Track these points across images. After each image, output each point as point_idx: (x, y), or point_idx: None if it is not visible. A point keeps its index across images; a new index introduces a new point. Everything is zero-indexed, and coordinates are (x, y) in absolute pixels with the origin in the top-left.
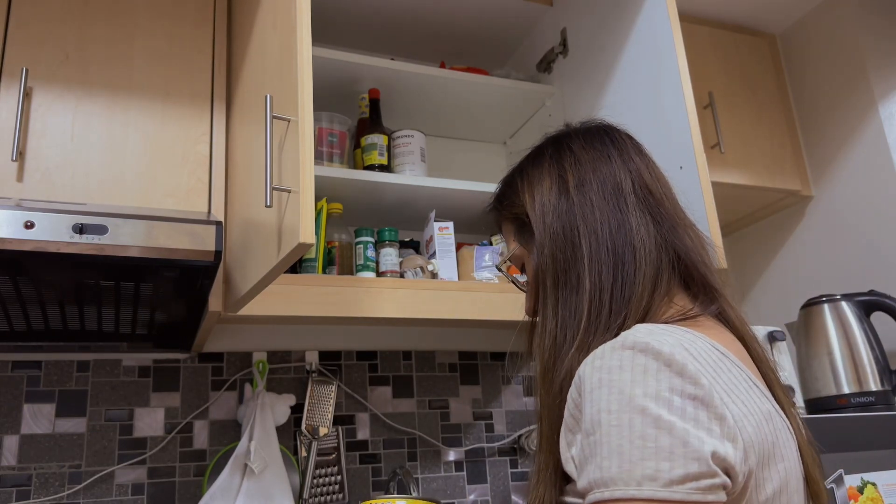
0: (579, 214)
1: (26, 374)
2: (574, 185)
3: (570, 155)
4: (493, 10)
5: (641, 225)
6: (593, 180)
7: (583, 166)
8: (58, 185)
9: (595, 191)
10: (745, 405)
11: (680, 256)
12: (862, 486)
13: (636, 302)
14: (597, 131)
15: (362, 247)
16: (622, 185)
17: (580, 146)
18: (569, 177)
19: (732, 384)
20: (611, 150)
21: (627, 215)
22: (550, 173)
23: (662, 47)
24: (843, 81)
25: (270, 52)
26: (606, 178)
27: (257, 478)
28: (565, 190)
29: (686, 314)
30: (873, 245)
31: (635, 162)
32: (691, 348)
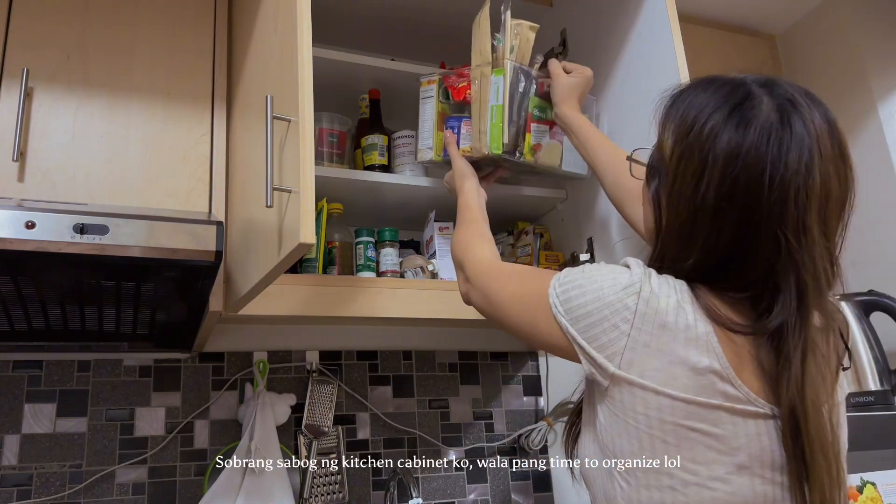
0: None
1: (27, 373)
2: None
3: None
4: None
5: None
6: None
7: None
8: (59, 185)
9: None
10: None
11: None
12: (861, 486)
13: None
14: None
15: (362, 247)
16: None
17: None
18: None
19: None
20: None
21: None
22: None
23: (662, 48)
24: (842, 82)
25: (271, 53)
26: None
27: (258, 477)
28: None
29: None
30: (873, 245)
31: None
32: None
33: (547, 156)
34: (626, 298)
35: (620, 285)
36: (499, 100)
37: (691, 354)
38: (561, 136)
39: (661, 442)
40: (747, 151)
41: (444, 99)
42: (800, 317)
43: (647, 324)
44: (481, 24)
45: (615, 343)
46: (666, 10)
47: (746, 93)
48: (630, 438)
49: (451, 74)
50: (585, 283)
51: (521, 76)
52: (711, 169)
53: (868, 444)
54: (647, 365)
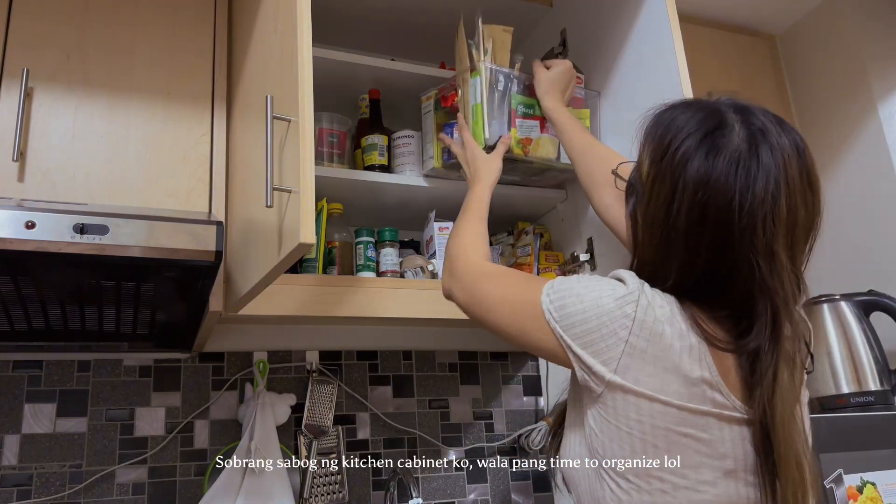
0: None
1: (27, 373)
2: None
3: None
4: (494, 10)
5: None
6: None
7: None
8: (59, 185)
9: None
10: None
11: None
12: (861, 486)
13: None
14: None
15: (362, 247)
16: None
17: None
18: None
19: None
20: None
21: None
22: None
23: (662, 48)
24: (842, 82)
25: (271, 53)
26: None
27: (258, 477)
28: None
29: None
30: (873, 245)
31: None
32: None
33: (540, 149)
34: (625, 306)
35: (619, 294)
36: (476, 99)
37: (684, 363)
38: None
39: (653, 447)
40: (716, 179)
41: (439, 109)
42: (773, 338)
43: (644, 331)
44: (459, 35)
45: (612, 349)
46: (666, 10)
47: (720, 120)
48: (622, 443)
49: (445, 85)
50: (583, 291)
51: (500, 76)
52: (682, 193)
53: (868, 444)
54: (643, 371)
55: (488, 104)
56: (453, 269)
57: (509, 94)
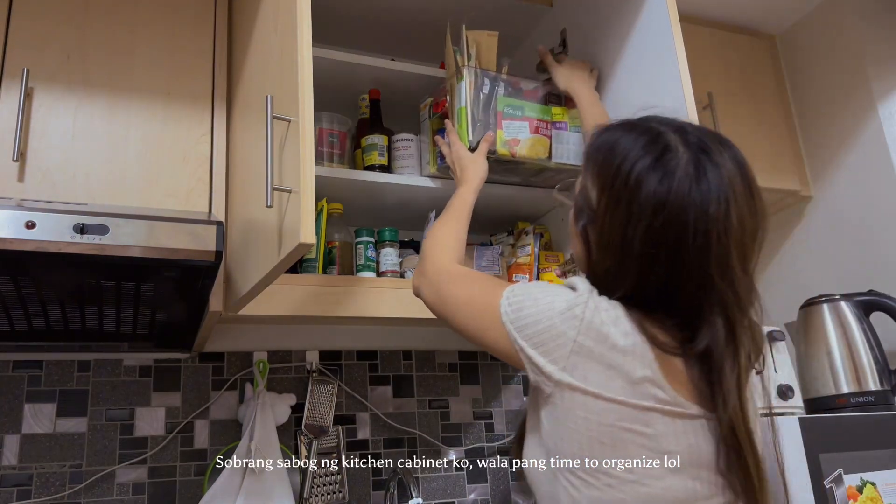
0: None
1: (27, 373)
2: None
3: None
4: (493, 10)
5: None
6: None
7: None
8: (59, 185)
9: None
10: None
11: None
12: (861, 486)
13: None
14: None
15: (362, 247)
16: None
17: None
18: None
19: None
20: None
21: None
22: None
23: (662, 48)
24: (842, 82)
25: (271, 53)
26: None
27: (258, 477)
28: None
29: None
30: (873, 245)
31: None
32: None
33: (529, 150)
34: (574, 308)
35: (570, 298)
36: (461, 103)
37: (627, 363)
38: (548, 132)
39: (599, 443)
40: (672, 202)
41: (433, 116)
42: (732, 342)
43: (591, 332)
44: (447, 45)
45: (561, 349)
46: (666, 10)
47: (664, 143)
48: (571, 441)
49: (438, 91)
50: (539, 296)
51: (485, 80)
52: (638, 218)
53: (868, 444)
54: (589, 370)
55: (473, 107)
56: (424, 268)
57: (495, 97)
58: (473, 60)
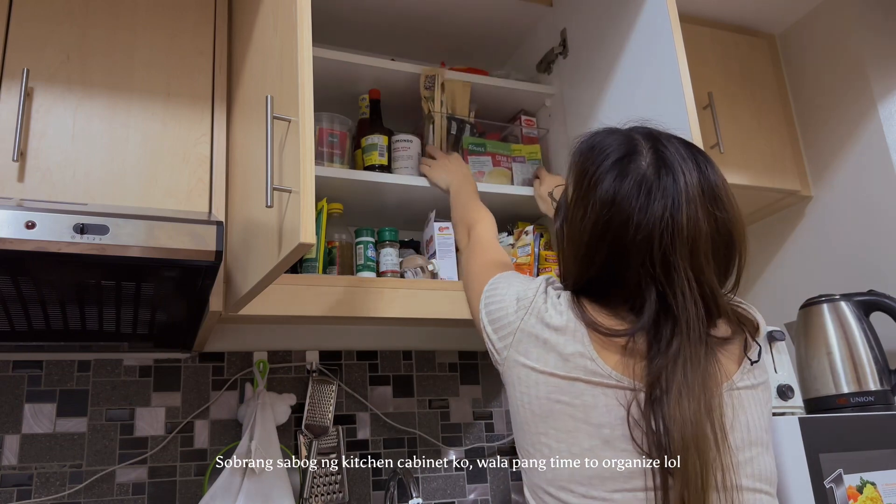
0: None
1: (27, 373)
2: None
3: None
4: (493, 10)
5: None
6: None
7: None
8: (59, 185)
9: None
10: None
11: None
12: (861, 486)
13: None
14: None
15: (363, 247)
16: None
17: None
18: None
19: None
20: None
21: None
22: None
23: (662, 47)
24: (842, 81)
25: (271, 53)
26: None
27: (258, 478)
28: None
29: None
30: (873, 245)
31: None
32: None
33: (492, 179)
34: (527, 293)
35: (528, 287)
36: (430, 141)
37: (560, 340)
38: (509, 164)
39: (534, 415)
40: (619, 200)
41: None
42: (670, 323)
43: (533, 313)
44: (421, 94)
45: (509, 327)
46: (666, 10)
47: (631, 147)
48: (516, 414)
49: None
50: (512, 283)
51: (453, 123)
52: (591, 211)
53: (868, 444)
54: (529, 347)
55: (445, 144)
56: (467, 238)
57: (463, 136)
58: (446, 106)
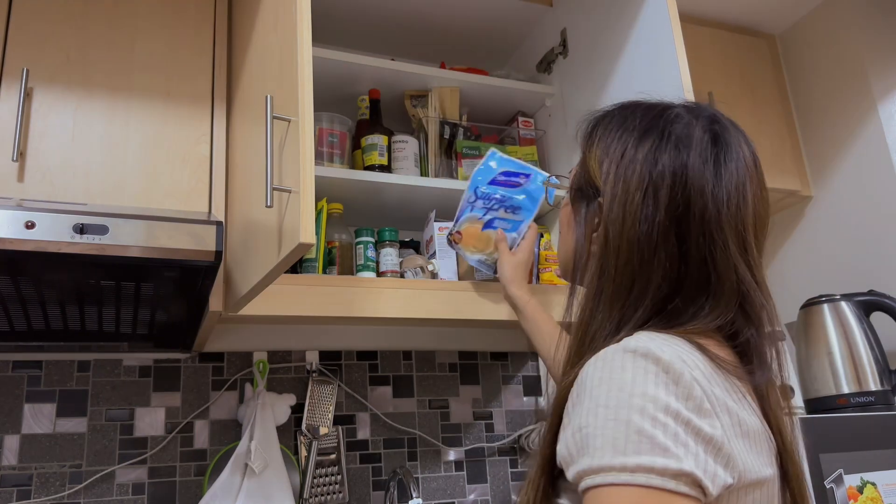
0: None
1: (27, 373)
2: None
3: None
4: (493, 10)
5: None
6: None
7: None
8: (58, 185)
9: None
10: (737, 415)
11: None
12: (861, 486)
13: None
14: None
15: (362, 247)
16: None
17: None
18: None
19: (724, 395)
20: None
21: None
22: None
23: (662, 48)
24: (842, 82)
25: (271, 53)
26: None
27: (258, 478)
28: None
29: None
30: (873, 245)
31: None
32: (688, 359)
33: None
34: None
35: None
36: (424, 148)
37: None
38: None
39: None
40: (692, 169)
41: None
42: (753, 327)
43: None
44: (406, 105)
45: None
46: (666, 10)
47: (675, 114)
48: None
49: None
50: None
51: (446, 127)
52: (656, 188)
53: (868, 444)
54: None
55: (438, 148)
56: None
57: (456, 140)
58: (438, 111)
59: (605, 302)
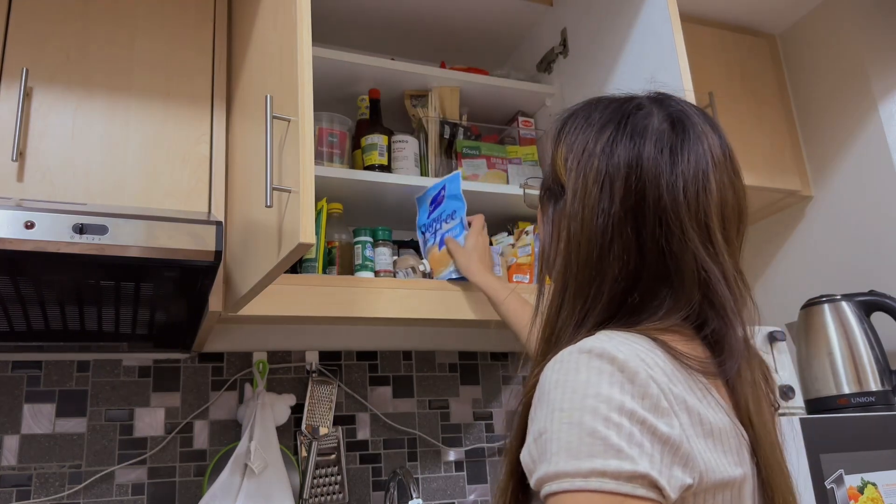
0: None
1: (26, 373)
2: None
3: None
4: (493, 10)
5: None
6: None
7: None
8: (58, 185)
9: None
10: (698, 413)
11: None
12: (862, 486)
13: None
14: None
15: (361, 247)
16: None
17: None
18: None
19: (684, 393)
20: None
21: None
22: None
23: (662, 47)
24: (843, 81)
25: (271, 53)
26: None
27: (257, 478)
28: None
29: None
30: (873, 245)
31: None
32: (646, 357)
33: (489, 181)
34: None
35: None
36: (424, 148)
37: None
38: (505, 166)
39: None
40: (646, 159)
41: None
42: (718, 317)
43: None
44: (406, 105)
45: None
46: (667, 10)
47: (637, 104)
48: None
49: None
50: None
51: (446, 127)
52: (612, 181)
53: (869, 444)
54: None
55: (438, 148)
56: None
57: (456, 139)
58: (438, 111)
59: (569, 298)
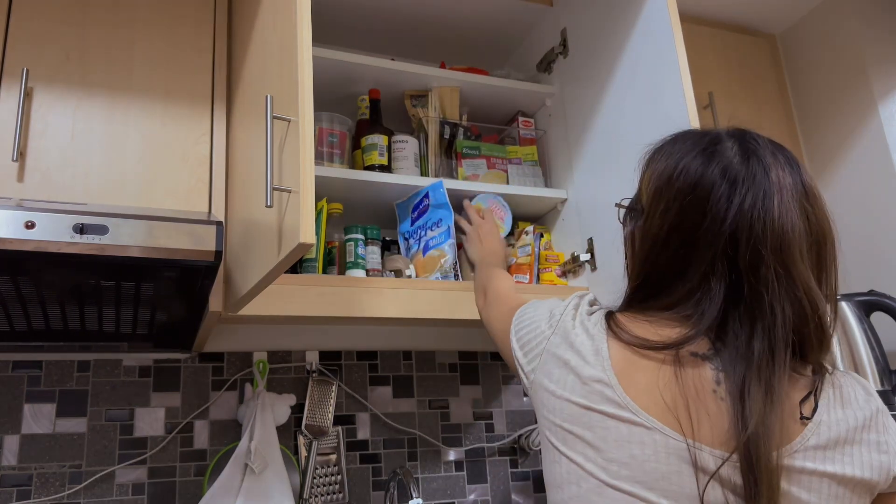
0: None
1: (27, 373)
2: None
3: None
4: (493, 10)
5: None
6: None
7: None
8: (58, 185)
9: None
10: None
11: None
12: None
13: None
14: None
15: (353, 244)
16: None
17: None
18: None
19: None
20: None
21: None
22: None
23: (663, 47)
24: (842, 81)
25: (271, 52)
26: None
27: (257, 478)
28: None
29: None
30: (873, 245)
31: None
32: (561, 313)
33: (489, 181)
34: (555, 311)
35: (559, 304)
36: (424, 148)
37: (582, 366)
38: (505, 166)
39: (549, 441)
40: (703, 185)
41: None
42: (749, 326)
43: (559, 335)
44: (406, 105)
45: (536, 347)
46: (667, 10)
47: (715, 137)
48: (541, 437)
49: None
50: (539, 308)
51: (446, 127)
52: (672, 203)
53: None
54: (552, 368)
55: (438, 148)
56: (486, 298)
57: (456, 139)
58: (438, 111)
59: (630, 287)
